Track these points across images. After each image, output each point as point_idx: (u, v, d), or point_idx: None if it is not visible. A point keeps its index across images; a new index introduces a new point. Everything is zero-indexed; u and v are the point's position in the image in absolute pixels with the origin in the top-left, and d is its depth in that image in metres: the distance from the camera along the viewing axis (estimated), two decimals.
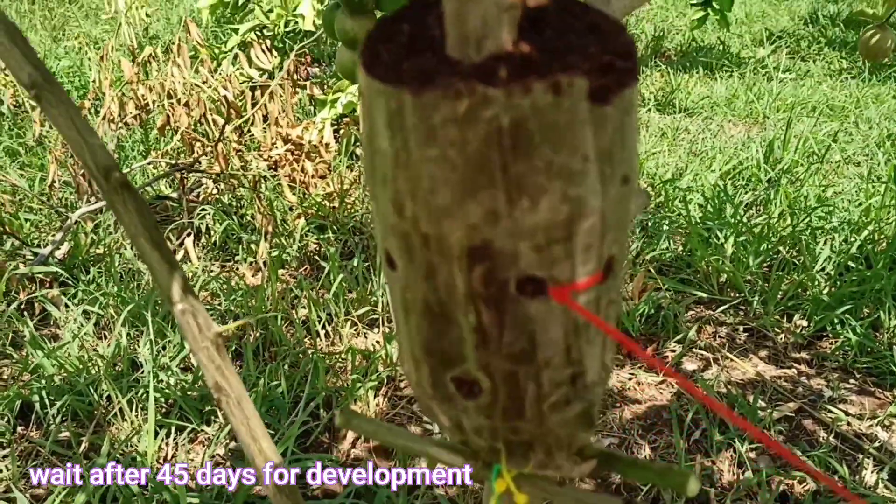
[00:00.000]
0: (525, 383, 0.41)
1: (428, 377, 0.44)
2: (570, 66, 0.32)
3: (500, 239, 0.36)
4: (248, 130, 2.57)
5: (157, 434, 1.48)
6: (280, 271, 2.09)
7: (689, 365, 1.84)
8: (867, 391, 1.79)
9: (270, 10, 2.73)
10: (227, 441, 1.50)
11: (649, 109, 3.48)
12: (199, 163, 2.36)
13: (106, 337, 1.74)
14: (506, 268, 0.37)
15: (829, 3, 7.41)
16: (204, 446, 1.49)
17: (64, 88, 0.54)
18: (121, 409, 1.50)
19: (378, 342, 1.75)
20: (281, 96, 2.52)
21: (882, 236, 2.24)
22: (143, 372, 1.59)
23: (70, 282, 1.92)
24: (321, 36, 4.42)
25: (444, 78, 0.33)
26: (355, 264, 1.96)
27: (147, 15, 2.58)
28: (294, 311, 1.83)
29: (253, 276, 2.04)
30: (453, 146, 0.34)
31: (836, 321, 1.96)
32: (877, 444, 1.60)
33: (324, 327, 1.81)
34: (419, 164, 0.35)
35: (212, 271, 2.05)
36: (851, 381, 1.83)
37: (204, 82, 2.47)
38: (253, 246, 2.10)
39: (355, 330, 1.79)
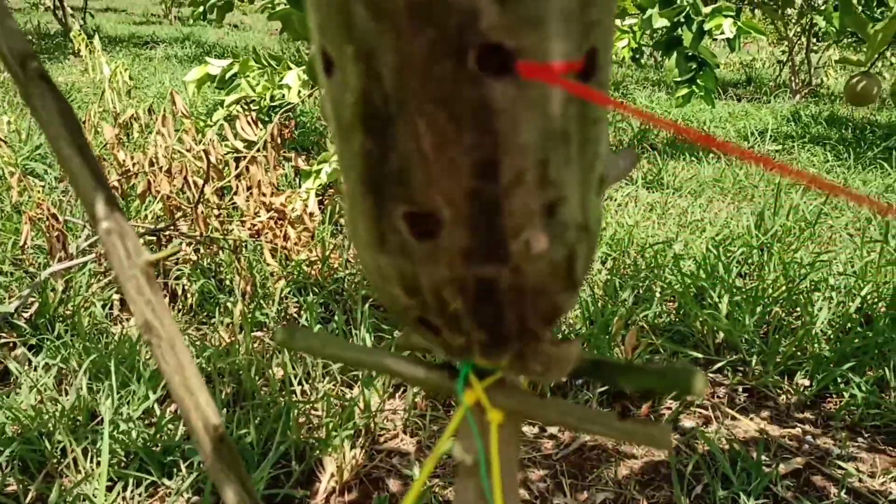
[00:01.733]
0: (492, 210, 0.33)
1: (376, 220, 0.36)
2: None
3: None
4: (231, 199, 2.52)
5: (113, 486, 1.36)
6: (258, 333, 2.00)
7: (689, 422, 1.73)
8: (877, 449, 1.69)
9: (257, 84, 2.73)
10: (190, 495, 1.37)
11: (638, 187, 3.47)
12: (177, 227, 2.30)
13: (67, 392, 1.63)
14: (462, 29, 0.30)
15: (809, 104, 7.61)
16: (163, 501, 1.36)
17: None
18: (74, 460, 1.38)
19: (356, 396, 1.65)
20: (265, 167, 2.49)
21: (880, 297, 2.17)
22: (101, 422, 1.48)
23: (34, 336, 1.82)
24: (307, 125, 4.46)
25: None
26: (336, 320, 1.87)
27: (131, 78, 2.58)
28: (269, 370, 1.73)
29: (229, 337, 1.94)
30: None
31: (839, 380, 1.87)
32: (892, 498, 1.48)
33: (300, 384, 1.71)
34: None
35: (186, 332, 1.96)
36: (860, 439, 1.72)
37: (188, 150, 2.44)
38: (230, 305, 2.02)
39: (334, 385, 1.69)
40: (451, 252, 0.35)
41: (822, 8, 5.81)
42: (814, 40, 8.52)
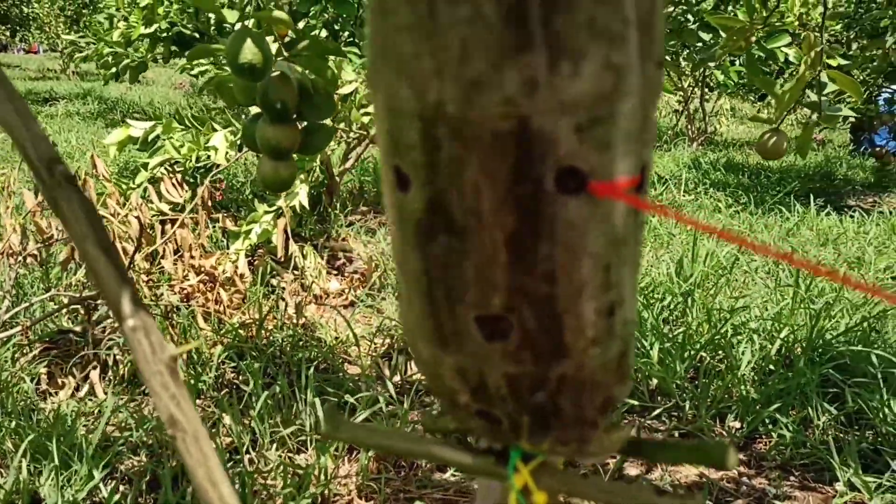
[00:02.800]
0: (562, 312, 0.36)
1: (442, 321, 0.38)
2: None
3: (538, 115, 0.32)
4: (159, 263, 2.47)
5: None
6: (197, 401, 1.96)
7: (632, 470, 1.78)
8: (808, 486, 1.77)
9: (182, 145, 2.71)
10: None
11: None
12: None
13: (3, 474, 1.56)
14: (544, 156, 0.33)
15: (707, 151, 7.99)
16: None
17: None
18: None
19: (308, 462, 1.63)
20: (194, 230, 2.46)
21: (796, 339, 2.29)
22: None
23: None
24: (231, 184, 4.41)
25: None
26: (280, 384, 1.85)
27: (54, 144, 2.51)
28: (217, 438, 1.70)
29: None
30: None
31: (767, 421, 1.96)
32: None
33: (248, 452, 1.68)
34: (448, 30, 0.31)
35: (123, 405, 1.90)
36: (791, 478, 1.80)
37: (113, 214, 2.39)
38: None
39: (285, 449, 1.67)
40: (520, 352, 0.37)
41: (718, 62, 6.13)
42: (706, 90, 8.98)
